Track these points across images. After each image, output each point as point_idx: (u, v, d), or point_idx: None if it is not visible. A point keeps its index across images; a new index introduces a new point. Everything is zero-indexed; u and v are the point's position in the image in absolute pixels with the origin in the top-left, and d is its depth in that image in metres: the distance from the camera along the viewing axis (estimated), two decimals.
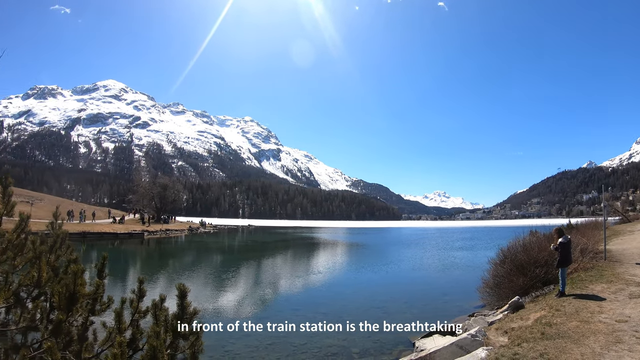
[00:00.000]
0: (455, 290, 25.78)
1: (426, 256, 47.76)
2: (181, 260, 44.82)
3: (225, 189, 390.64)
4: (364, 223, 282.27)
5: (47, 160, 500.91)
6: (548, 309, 13.13)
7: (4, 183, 5.88)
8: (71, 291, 5.27)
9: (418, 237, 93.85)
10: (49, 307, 5.69)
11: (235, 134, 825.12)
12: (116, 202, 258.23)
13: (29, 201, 69.72)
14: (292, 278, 31.89)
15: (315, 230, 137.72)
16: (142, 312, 5.79)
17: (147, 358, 4.78)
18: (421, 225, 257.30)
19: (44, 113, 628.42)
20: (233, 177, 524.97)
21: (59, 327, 5.06)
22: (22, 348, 5.27)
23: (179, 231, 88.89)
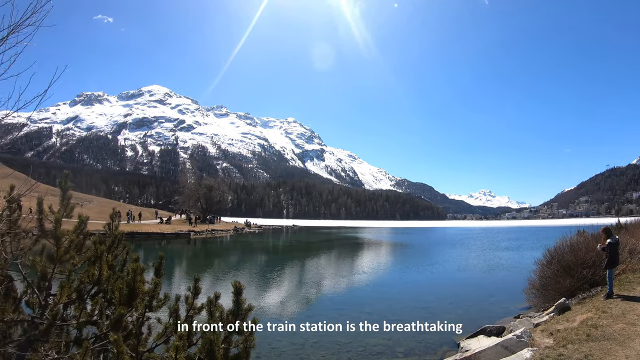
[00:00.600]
0: (501, 292, 25.52)
1: (471, 257, 47.34)
2: (227, 259, 45.45)
3: (270, 189, 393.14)
4: (408, 223, 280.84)
5: (95, 164, 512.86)
6: (594, 310, 13.01)
7: (63, 186, 6.24)
8: (131, 288, 5.60)
9: (463, 237, 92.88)
10: (107, 303, 6.03)
11: (278, 135, 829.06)
12: (162, 203, 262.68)
13: (79, 203, 71.45)
14: (337, 278, 32.03)
15: (359, 230, 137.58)
16: (196, 308, 6.05)
17: (204, 351, 5.02)
18: (466, 225, 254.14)
19: (91, 118, 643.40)
20: (277, 177, 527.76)
21: (119, 321, 5.38)
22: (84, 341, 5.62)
23: (225, 231, 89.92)
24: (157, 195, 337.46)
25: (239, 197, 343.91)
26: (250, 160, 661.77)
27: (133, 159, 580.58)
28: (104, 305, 5.94)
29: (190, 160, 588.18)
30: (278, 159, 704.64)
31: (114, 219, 6.87)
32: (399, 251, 59.04)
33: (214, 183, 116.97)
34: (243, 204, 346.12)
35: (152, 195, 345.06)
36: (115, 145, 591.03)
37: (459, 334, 14.83)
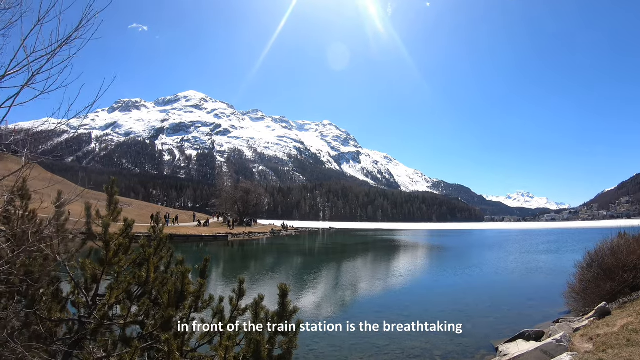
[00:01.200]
0: (540, 295, 25.13)
1: (509, 260, 46.66)
2: (264, 261, 45.66)
3: (306, 192, 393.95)
4: (445, 225, 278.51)
5: (134, 168, 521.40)
6: (635, 315, 12.79)
7: (110, 191, 6.45)
8: (180, 289, 5.77)
9: (501, 240, 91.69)
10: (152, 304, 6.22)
11: (314, 138, 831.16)
12: (200, 206, 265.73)
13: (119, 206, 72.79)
14: (374, 280, 31.95)
15: (395, 232, 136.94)
16: (241, 309, 6.20)
17: (251, 351, 5.16)
18: (504, 227, 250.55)
19: (129, 124, 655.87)
20: (313, 180, 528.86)
21: (169, 322, 5.56)
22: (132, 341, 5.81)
23: (262, 234, 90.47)
24: (195, 198, 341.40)
25: (275, 200, 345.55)
26: (287, 163, 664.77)
27: (171, 163, 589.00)
28: (150, 306, 6.12)
29: (227, 164, 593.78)
30: (314, 162, 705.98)
31: (159, 222, 7.06)
32: (435, 254, 58.58)
33: (251, 186, 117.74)
34: (279, 207, 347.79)
35: (189, 198, 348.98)
36: (153, 149, 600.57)
37: (498, 338, 14.84)
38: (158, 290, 6.16)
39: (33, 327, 6.01)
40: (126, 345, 5.88)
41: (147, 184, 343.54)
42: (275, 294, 6.02)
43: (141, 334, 6.00)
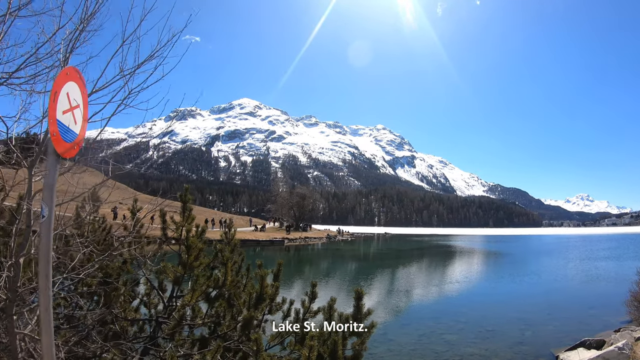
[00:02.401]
0: (600, 304, 24.58)
1: (569, 266, 45.61)
2: (322, 266, 46.01)
3: (361, 197, 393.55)
4: (501, 230, 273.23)
5: (190, 174, 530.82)
6: None
7: (184, 198, 6.81)
8: (259, 292, 6.06)
9: (560, 246, 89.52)
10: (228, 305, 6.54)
11: (368, 143, 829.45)
12: (255, 211, 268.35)
13: (177, 211, 74.54)
14: (430, 286, 31.78)
15: (451, 238, 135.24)
16: (313, 312, 6.43)
17: (328, 351, 5.37)
18: (563, 232, 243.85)
19: (185, 132, 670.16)
20: (368, 185, 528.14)
21: (250, 323, 5.85)
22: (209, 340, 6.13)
23: (317, 239, 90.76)
24: (250, 203, 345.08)
25: (330, 205, 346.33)
26: (341, 168, 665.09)
27: (226, 169, 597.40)
28: (226, 307, 6.42)
29: (282, 170, 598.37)
30: (368, 167, 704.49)
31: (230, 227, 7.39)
32: (492, 260, 57.68)
33: (307, 192, 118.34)
34: (334, 212, 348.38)
35: (245, 203, 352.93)
36: (209, 156, 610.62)
37: (557, 346, 14.67)
38: (234, 292, 6.47)
39: (109, 326, 6.38)
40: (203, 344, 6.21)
41: (203, 190, 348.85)
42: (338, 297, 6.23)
43: (216, 334, 6.31)
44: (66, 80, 3.25)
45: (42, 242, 3.10)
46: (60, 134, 3.18)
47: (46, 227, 3.09)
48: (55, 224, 5.24)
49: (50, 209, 3.09)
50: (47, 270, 3.09)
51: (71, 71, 3.36)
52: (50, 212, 3.09)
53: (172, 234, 6.89)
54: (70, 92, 3.30)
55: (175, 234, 6.81)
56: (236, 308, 6.42)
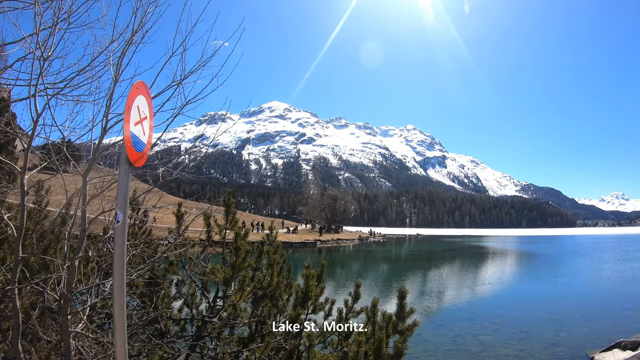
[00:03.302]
0: (635, 305, 24.26)
1: (603, 268, 44.90)
2: (354, 267, 46.12)
3: (392, 198, 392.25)
4: (534, 231, 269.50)
5: (222, 177, 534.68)
6: None
7: (227, 202, 7.03)
8: (306, 292, 6.24)
9: (594, 246, 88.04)
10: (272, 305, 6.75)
11: (398, 143, 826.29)
12: (286, 214, 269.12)
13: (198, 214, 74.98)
14: (463, 287, 31.67)
15: (483, 239, 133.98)
16: (355, 312, 6.59)
17: (374, 348, 5.51)
18: (598, 232, 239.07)
19: (216, 136, 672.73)
20: (399, 186, 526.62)
21: (297, 320, 6.04)
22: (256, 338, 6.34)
23: (349, 240, 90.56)
24: (281, 205, 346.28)
25: (361, 207, 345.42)
26: (372, 169, 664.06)
27: (257, 172, 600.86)
28: (271, 306, 6.62)
29: (313, 172, 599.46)
30: (399, 167, 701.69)
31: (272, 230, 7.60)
32: (526, 261, 57.02)
33: (338, 193, 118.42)
34: (366, 213, 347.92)
35: (276, 206, 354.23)
36: (240, 159, 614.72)
37: (592, 347, 14.59)
38: (279, 292, 6.67)
39: (154, 325, 6.61)
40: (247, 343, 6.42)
41: (234, 193, 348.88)
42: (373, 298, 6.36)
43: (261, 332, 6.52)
44: (137, 94, 3.47)
45: (116, 244, 3.30)
46: (133, 144, 3.39)
47: (120, 231, 3.28)
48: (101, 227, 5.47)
49: (124, 215, 3.28)
50: (121, 271, 3.29)
51: (140, 85, 3.57)
52: (124, 218, 3.29)
53: (215, 236, 7.12)
54: (140, 105, 3.51)
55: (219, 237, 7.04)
56: (279, 307, 6.62)
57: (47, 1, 4.93)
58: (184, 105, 4.84)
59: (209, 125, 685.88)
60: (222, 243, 7.14)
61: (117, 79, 4.48)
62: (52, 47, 4.65)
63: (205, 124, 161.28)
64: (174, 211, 7.32)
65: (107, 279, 5.95)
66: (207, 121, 13.09)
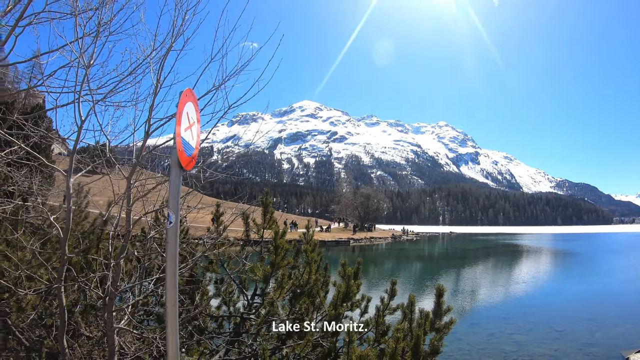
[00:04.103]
0: None
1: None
2: (387, 265, 45.98)
3: (425, 196, 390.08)
4: (570, 228, 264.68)
5: (254, 177, 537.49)
6: None
7: (264, 201, 7.20)
8: (347, 290, 6.38)
9: (631, 244, 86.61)
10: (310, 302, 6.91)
11: (430, 140, 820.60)
12: (319, 212, 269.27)
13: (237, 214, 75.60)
14: (496, 286, 31.46)
15: (518, 236, 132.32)
16: (392, 309, 6.68)
17: (412, 345, 5.60)
18: (635, 230, 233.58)
19: (247, 136, 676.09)
20: (432, 183, 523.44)
21: (337, 318, 6.19)
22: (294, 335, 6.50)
23: (382, 239, 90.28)
24: (314, 204, 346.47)
25: (394, 205, 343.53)
26: (404, 167, 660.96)
27: (289, 171, 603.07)
28: (310, 304, 6.76)
29: (345, 170, 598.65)
30: (432, 165, 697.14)
31: (309, 229, 7.75)
32: (560, 260, 56.22)
33: (371, 191, 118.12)
34: (398, 211, 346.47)
35: (308, 204, 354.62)
36: (272, 159, 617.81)
37: (628, 348, 14.46)
38: (316, 289, 6.81)
39: (193, 322, 6.80)
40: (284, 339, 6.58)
41: None
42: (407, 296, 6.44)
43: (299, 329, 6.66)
44: (186, 100, 3.64)
45: (169, 244, 3.47)
46: (184, 149, 3.57)
47: (173, 232, 3.46)
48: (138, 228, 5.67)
49: (176, 216, 3.45)
50: (174, 268, 3.46)
51: (189, 92, 3.75)
52: (176, 218, 3.46)
53: (254, 235, 7.30)
54: (189, 112, 3.69)
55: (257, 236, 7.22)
56: (315, 305, 6.76)
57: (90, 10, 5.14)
58: (227, 110, 5.03)
59: (240, 126, 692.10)
60: (260, 242, 7.32)
61: (161, 84, 4.66)
62: (93, 55, 4.85)
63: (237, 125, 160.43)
64: (212, 211, 7.52)
65: (148, 278, 6.17)
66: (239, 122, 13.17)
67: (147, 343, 6.24)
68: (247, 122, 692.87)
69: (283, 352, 6.42)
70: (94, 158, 5.48)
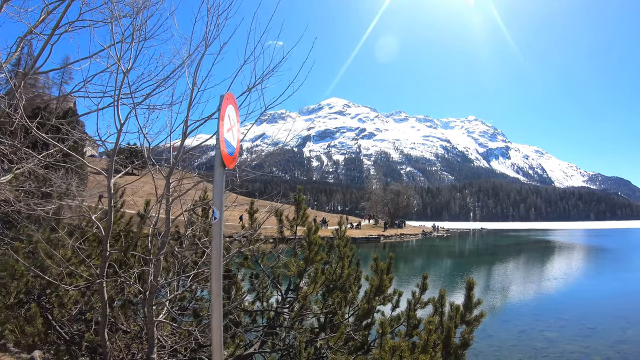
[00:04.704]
0: None
1: None
2: (417, 262, 46.07)
3: (455, 191, 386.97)
4: (603, 224, 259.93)
5: (284, 175, 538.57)
6: None
7: (297, 199, 7.41)
8: (379, 284, 6.55)
9: None
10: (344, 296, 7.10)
11: (460, 135, 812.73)
12: (349, 209, 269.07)
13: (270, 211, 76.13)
14: (528, 283, 31.27)
15: (550, 232, 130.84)
16: (423, 302, 6.84)
17: (443, 338, 5.74)
18: None
19: (276, 134, 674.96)
20: (462, 179, 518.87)
21: (370, 311, 6.37)
22: (327, 328, 6.70)
23: (413, 235, 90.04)
24: (344, 201, 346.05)
25: (424, 201, 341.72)
26: (434, 162, 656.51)
27: (319, 168, 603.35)
28: (342, 298, 6.95)
29: (374, 167, 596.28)
30: (462, 160, 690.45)
31: (341, 225, 7.95)
32: (593, 256, 55.53)
33: (401, 188, 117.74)
34: (428, 208, 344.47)
35: (338, 202, 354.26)
36: (301, 157, 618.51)
37: None
38: (349, 284, 7.00)
39: (228, 317, 7.03)
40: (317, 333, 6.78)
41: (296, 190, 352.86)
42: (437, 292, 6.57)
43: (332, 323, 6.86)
44: (227, 104, 3.87)
45: (214, 239, 3.70)
46: (227, 149, 3.80)
47: (217, 227, 3.69)
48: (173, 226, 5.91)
49: (220, 212, 3.67)
50: (218, 261, 3.69)
51: (230, 96, 3.97)
52: (220, 215, 3.68)
53: (287, 232, 7.51)
54: (230, 114, 3.91)
55: (290, 232, 7.43)
56: (347, 299, 6.94)
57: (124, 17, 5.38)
58: (264, 111, 5.24)
59: (269, 124, 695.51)
60: (293, 238, 7.53)
61: (199, 88, 4.89)
62: (130, 60, 5.08)
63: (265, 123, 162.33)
64: (246, 209, 7.75)
65: (183, 274, 6.41)
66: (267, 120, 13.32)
67: (184, 336, 6.48)
68: (275, 120, 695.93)
69: (317, 344, 6.61)
70: (132, 159, 5.72)
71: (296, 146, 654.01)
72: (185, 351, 6.52)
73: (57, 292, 6.99)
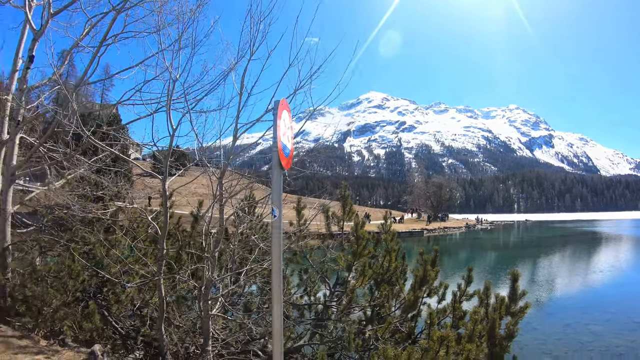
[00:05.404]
0: None
1: None
2: (462, 255, 45.96)
3: (498, 183, 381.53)
4: None
5: (325, 171, 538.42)
6: None
7: (344, 194, 7.65)
8: (421, 275, 6.73)
9: None
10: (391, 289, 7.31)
11: (501, 125, 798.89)
12: (391, 204, 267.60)
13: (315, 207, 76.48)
14: (575, 276, 30.89)
15: (596, 223, 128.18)
16: (468, 295, 6.99)
17: (488, 329, 5.88)
18: None
19: (317, 130, 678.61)
20: (505, 170, 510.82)
21: (416, 302, 6.57)
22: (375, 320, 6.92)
23: (456, 228, 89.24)
24: (386, 196, 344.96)
25: (467, 193, 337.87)
26: (476, 154, 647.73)
27: (360, 163, 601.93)
28: (389, 291, 7.16)
29: (416, 160, 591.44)
30: (504, 150, 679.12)
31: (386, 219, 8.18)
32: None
33: (443, 181, 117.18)
34: (471, 200, 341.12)
35: (380, 196, 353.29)
36: (342, 152, 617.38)
37: None
38: (396, 277, 7.19)
39: None
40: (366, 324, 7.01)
41: (338, 185, 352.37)
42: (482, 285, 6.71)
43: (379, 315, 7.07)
44: (282, 109, 4.13)
45: (274, 235, 4.00)
46: (283, 151, 4.06)
47: (277, 224, 3.97)
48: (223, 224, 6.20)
49: (279, 210, 3.93)
50: (279, 255, 3.98)
51: (284, 102, 4.23)
52: (279, 212, 3.96)
53: (334, 227, 7.74)
54: (285, 119, 4.17)
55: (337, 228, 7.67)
56: (394, 292, 7.14)
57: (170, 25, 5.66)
58: (312, 112, 5.51)
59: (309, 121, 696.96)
60: (340, 234, 7.75)
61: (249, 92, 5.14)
62: (178, 69, 5.37)
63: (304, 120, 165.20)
64: (294, 206, 8.00)
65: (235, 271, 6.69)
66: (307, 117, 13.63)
67: (235, 330, 6.78)
68: (315, 117, 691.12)
69: (365, 335, 6.82)
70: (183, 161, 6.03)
71: (336, 142, 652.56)
72: (236, 344, 6.81)
73: (114, 289, 7.33)
